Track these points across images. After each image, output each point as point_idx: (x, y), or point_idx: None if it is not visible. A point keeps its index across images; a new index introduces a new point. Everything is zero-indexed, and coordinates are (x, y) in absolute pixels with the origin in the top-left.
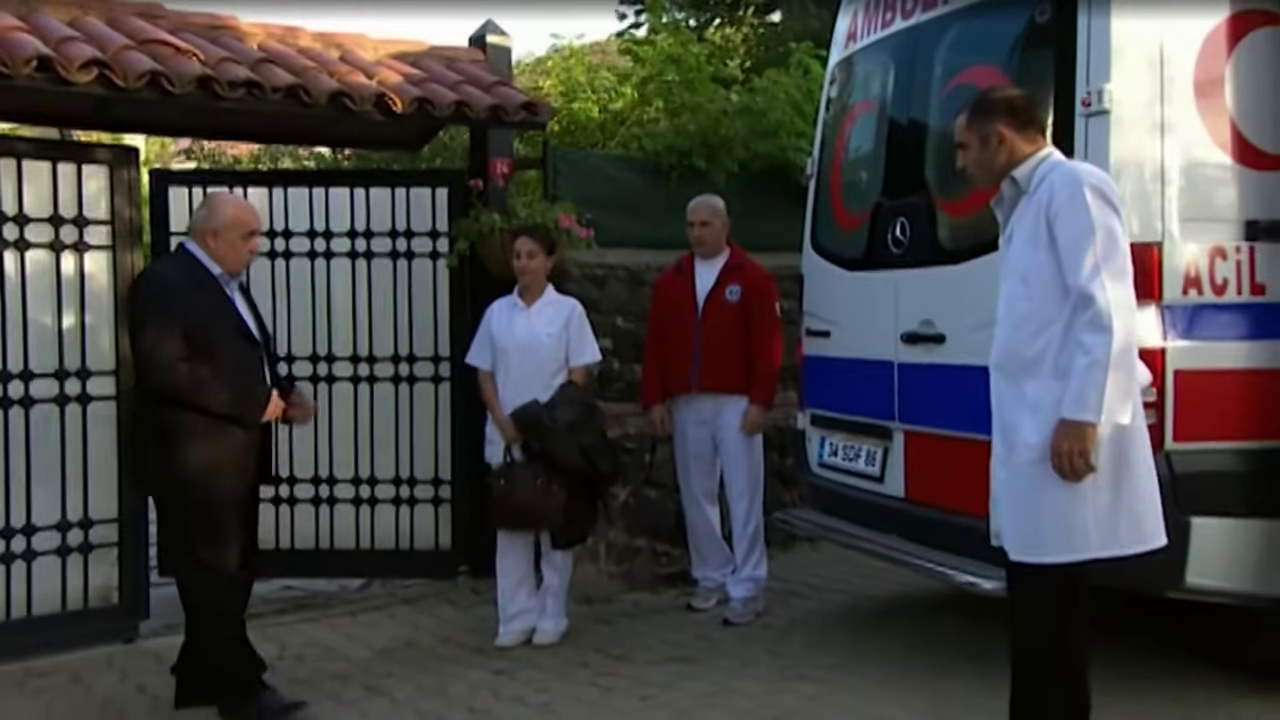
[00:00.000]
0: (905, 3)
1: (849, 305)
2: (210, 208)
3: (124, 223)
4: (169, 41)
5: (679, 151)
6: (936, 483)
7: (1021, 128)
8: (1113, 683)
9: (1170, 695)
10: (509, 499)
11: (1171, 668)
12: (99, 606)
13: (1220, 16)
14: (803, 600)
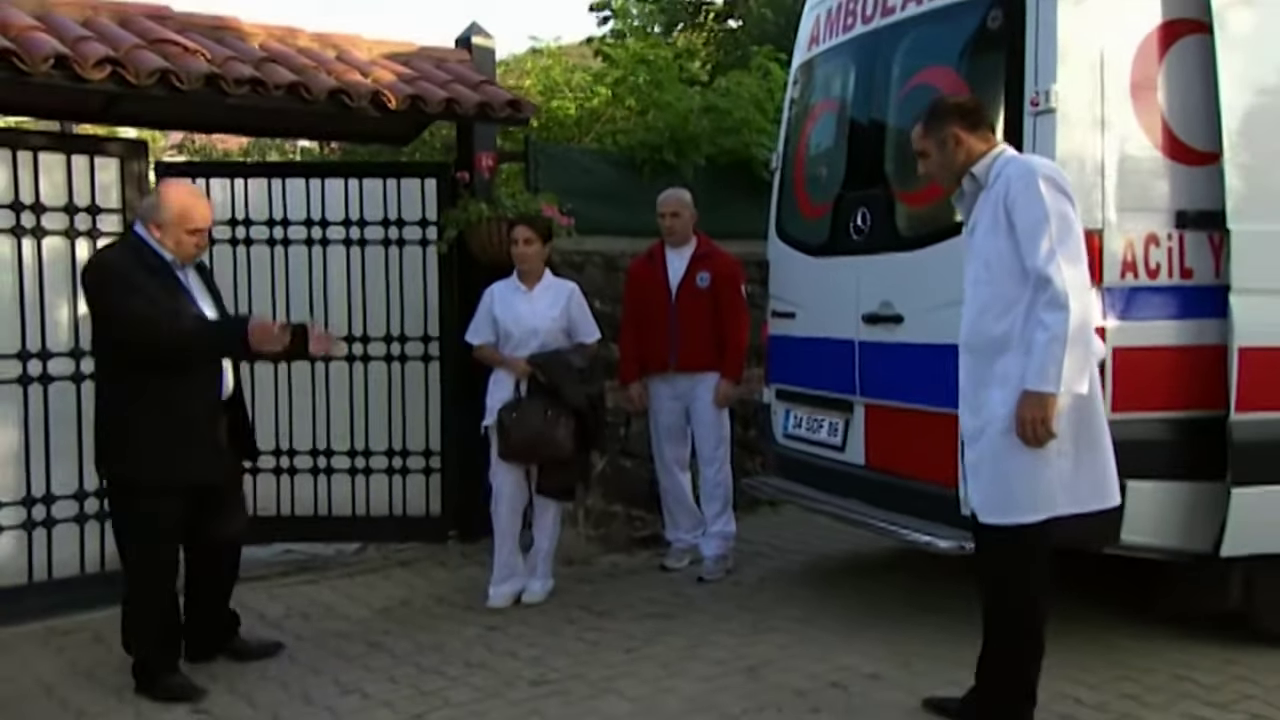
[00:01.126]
0: (865, 9)
1: (812, 289)
2: (159, 197)
3: (135, 212)
4: (177, 41)
5: (650, 147)
6: (894, 451)
7: (974, 128)
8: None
9: (1101, 646)
10: (519, 427)
11: (1101, 621)
12: (115, 570)
13: (1153, 24)
14: (768, 560)
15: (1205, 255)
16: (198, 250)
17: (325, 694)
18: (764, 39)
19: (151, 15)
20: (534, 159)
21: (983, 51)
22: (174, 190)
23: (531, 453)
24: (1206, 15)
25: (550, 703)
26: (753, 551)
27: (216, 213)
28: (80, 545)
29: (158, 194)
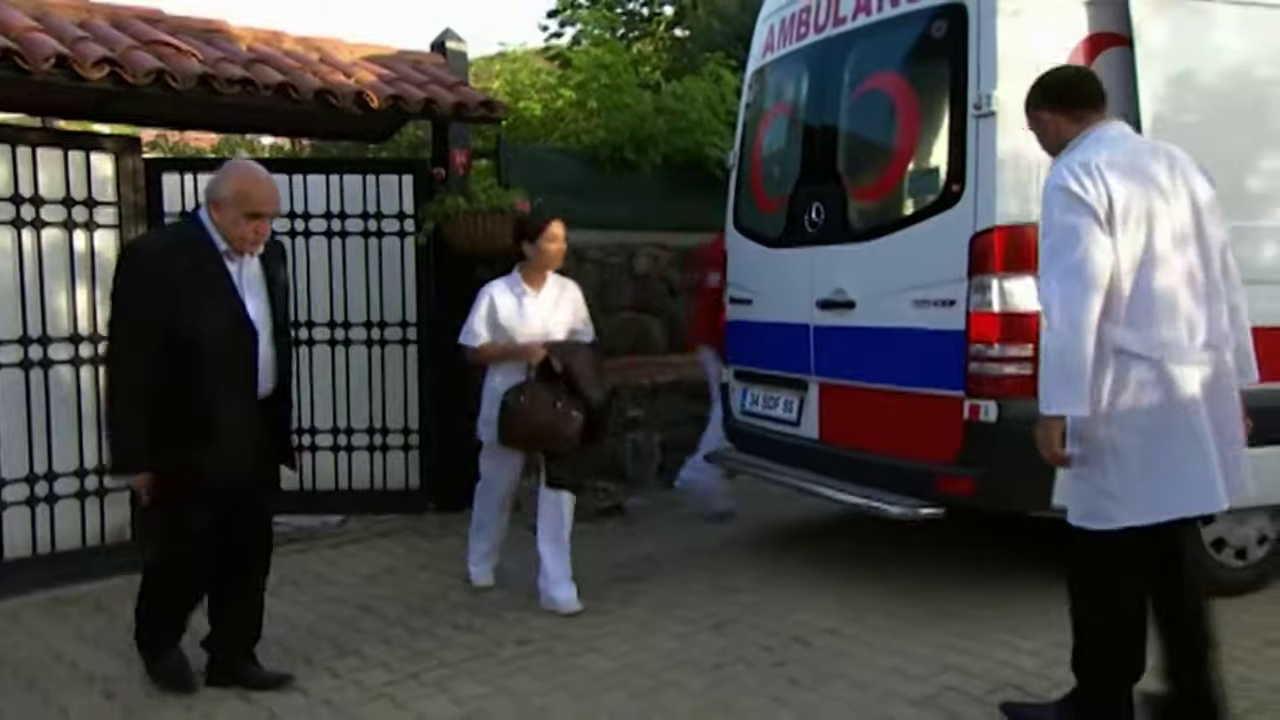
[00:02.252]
0: (818, 18)
1: (769, 277)
2: (221, 175)
3: (129, 204)
4: (170, 42)
5: (612, 145)
6: (847, 426)
7: (1060, 106)
8: (988, 594)
9: (1035, 609)
10: (528, 413)
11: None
12: (115, 542)
13: (1080, 36)
14: (725, 526)
15: None
16: (256, 237)
17: (324, 655)
18: (711, 47)
19: (144, 18)
20: (505, 156)
21: (929, 59)
22: (237, 168)
23: (534, 442)
24: (1127, 29)
25: (537, 660)
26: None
27: None
28: (81, 519)
29: (221, 172)
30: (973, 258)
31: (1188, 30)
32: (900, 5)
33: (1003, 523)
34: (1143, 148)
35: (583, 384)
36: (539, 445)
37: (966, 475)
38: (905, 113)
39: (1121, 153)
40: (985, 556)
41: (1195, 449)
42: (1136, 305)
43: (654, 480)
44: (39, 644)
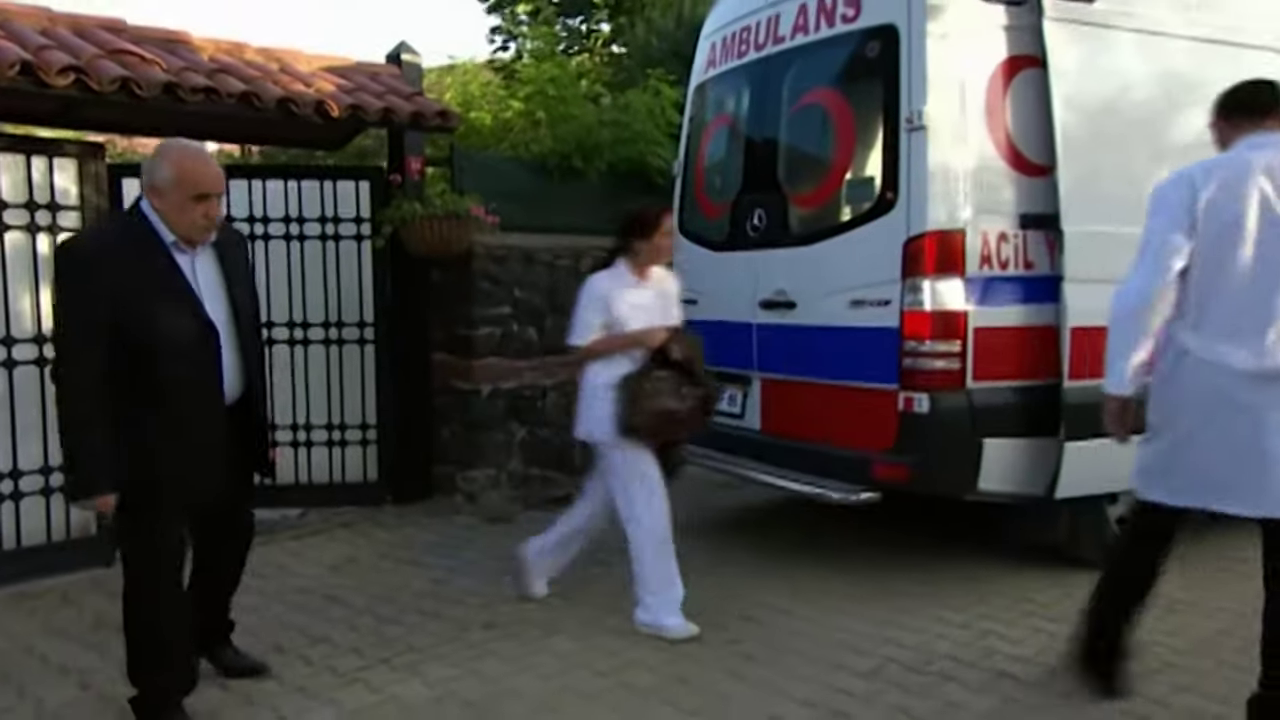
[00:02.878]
0: (758, 37)
1: (713, 278)
2: (157, 158)
3: (92, 208)
4: (134, 51)
5: (560, 154)
6: (788, 418)
7: (1228, 115)
8: (920, 574)
9: (963, 587)
10: (659, 398)
11: (963, 565)
12: (79, 537)
13: (1000, 58)
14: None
15: (1043, 251)
16: (208, 223)
17: (296, 643)
18: (649, 62)
19: (106, 27)
20: (458, 164)
21: (863, 76)
22: (173, 148)
23: (664, 429)
24: (1041, 52)
25: (504, 644)
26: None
27: None
28: (46, 516)
29: (156, 154)
30: (906, 261)
31: (1092, 54)
32: (836, 26)
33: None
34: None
35: (699, 371)
36: (668, 433)
37: (901, 462)
38: (841, 126)
39: (1240, 162)
40: (916, 540)
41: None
42: (1206, 309)
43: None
44: (7, 638)
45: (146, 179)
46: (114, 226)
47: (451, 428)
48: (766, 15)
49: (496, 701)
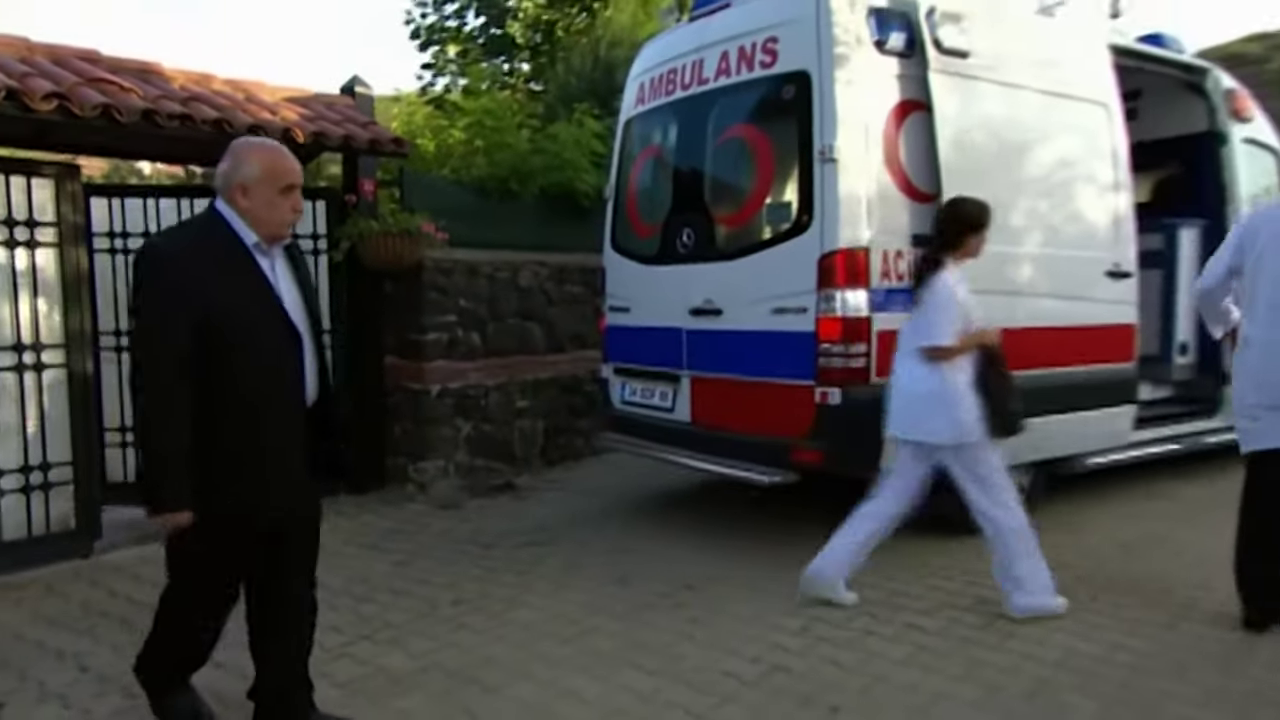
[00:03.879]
0: (684, 79)
1: (645, 289)
2: (236, 158)
3: (69, 225)
4: (112, 80)
5: (498, 178)
6: (715, 410)
7: None
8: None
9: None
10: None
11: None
12: (59, 531)
13: (894, 102)
14: (603, 497)
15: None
16: (296, 215)
17: None
18: (568, 99)
19: (82, 57)
20: (407, 185)
21: (780, 115)
22: (253, 145)
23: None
24: (927, 98)
25: (474, 617)
26: (589, 490)
27: (133, 227)
28: (27, 512)
29: (232, 156)
30: (820, 274)
31: (967, 101)
32: (755, 71)
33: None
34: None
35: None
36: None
37: (817, 447)
38: (761, 157)
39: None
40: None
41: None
42: (1251, 305)
43: (538, 460)
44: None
45: (229, 179)
46: (196, 229)
47: (404, 424)
48: (691, 60)
49: (477, 669)
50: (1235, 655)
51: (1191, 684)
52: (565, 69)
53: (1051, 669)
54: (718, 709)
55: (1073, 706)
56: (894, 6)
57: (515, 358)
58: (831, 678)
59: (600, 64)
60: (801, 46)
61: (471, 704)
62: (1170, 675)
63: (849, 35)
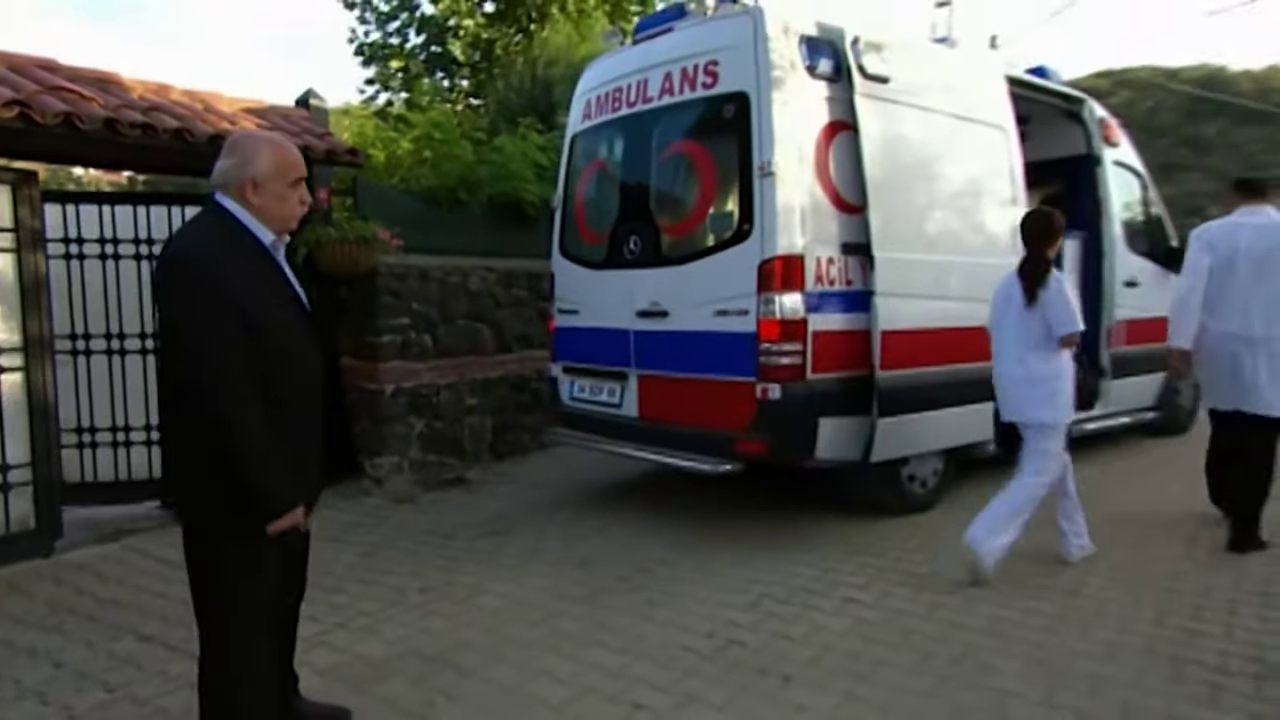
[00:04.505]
0: (629, 96)
1: (593, 293)
2: (242, 152)
3: (27, 230)
4: (72, 88)
5: (447, 188)
6: (661, 406)
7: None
8: (770, 528)
9: (803, 537)
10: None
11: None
12: (19, 531)
13: (824, 122)
14: (552, 489)
15: (859, 272)
16: (303, 208)
17: None
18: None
19: (41, 65)
20: (361, 194)
21: (721, 132)
22: (259, 140)
23: None
24: (853, 119)
25: (443, 604)
26: (540, 483)
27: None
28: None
29: (237, 151)
30: (760, 279)
31: (888, 122)
32: (698, 91)
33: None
34: (1246, 220)
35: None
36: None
37: (758, 439)
38: (704, 171)
39: (1230, 223)
40: (765, 502)
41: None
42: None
43: (487, 455)
44: None
45: (236, 175)
46: (215, 229)
47: (360, 423)
48: (636, 79)
49: (451, 654)
50: (1127, 615)
51: (1094, 642)
52: (505, 85)
53: (976, 635)
54: (681, 682)
55: (996, 668)
56: (823, 35)
57: (465, 358)
58: (782, 650)
59: (539, 81)
60: (741, 70)
61: (449, 687)
62: (1076, 635)
63: (784, 60)
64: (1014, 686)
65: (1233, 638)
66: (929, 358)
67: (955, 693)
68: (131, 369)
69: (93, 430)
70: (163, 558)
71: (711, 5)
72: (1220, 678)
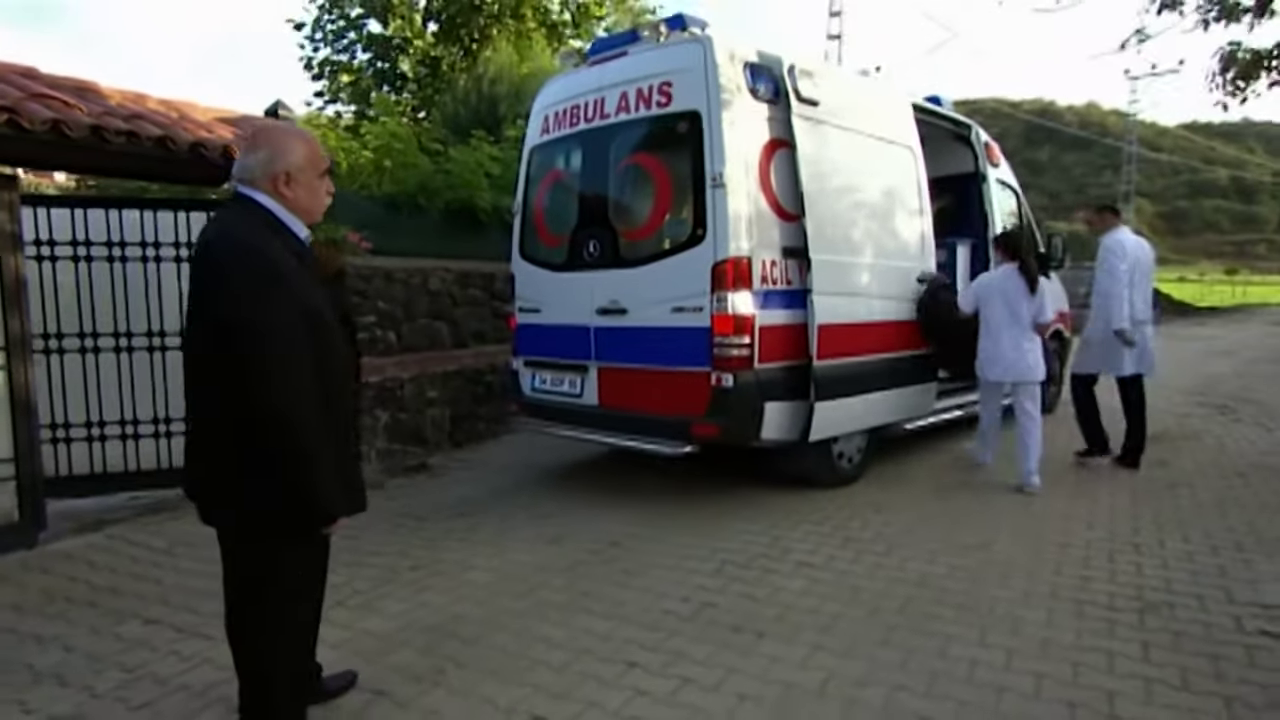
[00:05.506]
0: (586, 113)
1: (554, 292)
2: (273, 145)
3: (6, 233)
4: (56, 96)
5: (407, 194)
6: (620, 394)
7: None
8: (724, 502)
9: (756, 507)
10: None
11: (752, 494)
12: (4, 524)
13: (765, 140)
14: (512, 473)
15: (797, 272)
16: (328, 201)
17: None
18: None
19: (21, 73)
20: None
21: (675, 147)
22: (286, 131)
23: None
24: (790, 137)
25: (434, 580)
26: (501, 467)
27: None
28: None
29: (267, 145)
30: (714, 279)
31: (819, 141)
32: (652, 109)
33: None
34: (1131, 236)
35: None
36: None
37: (713, 422)
38: (660, 181)
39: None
40: (708, 480)
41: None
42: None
43: (446, 443)
44: None
45: (271, 167)
46: (257, 224)
47: None
48: (593, 97)
49: (451, 625)
50: (1036, 566)
51: (1011, 589)
52: (452, 100)
53: (912, 588)
54: (666, 641)
55: (935, 615)
56: (763, 62)
57: (426, 353)
58: (750, 609)
59: (484, 97)
60: (692, 91)
61: (456, 654)
62: (996, 585)
63: (731, 84)
64: (952, 630)
65: (1115, 580)
66: (856, 348)
67: (905, 638)
68: (105, 366)
69: (67, 426)
70: (149, 545)
71: (665, 33)
72: (1112, 614)
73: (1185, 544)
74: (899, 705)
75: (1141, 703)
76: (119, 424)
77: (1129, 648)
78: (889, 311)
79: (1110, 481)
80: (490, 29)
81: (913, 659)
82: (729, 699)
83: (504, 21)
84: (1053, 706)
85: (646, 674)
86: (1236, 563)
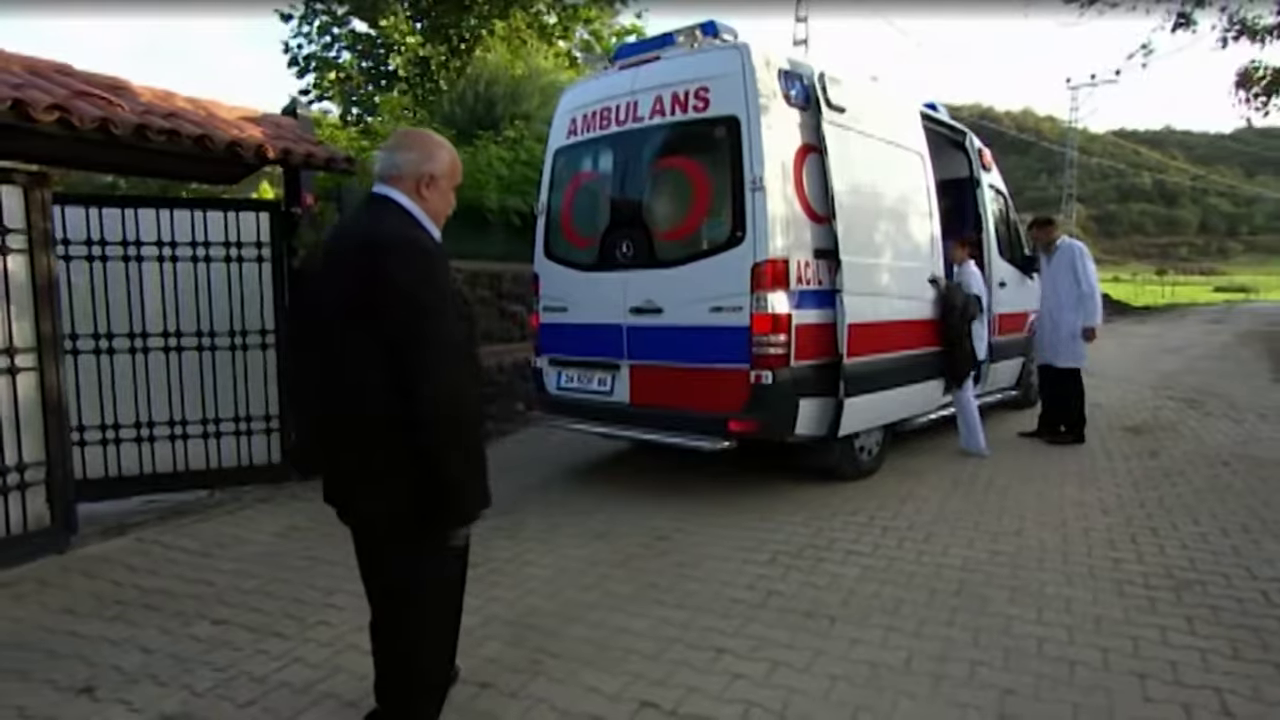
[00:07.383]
0: (618, 115)
1: (584, 292)
2: (422, 148)
3: (39, 231)
4: (98, 94)
5: None
6: (652, 392)
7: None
8: (759, 497)
9: (794, 501)
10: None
11: (785, 488)
12: (36, 529)
13: (798, 145)
14: (535, 472)
15: (827, 273)
16: (450, 213)
17: (310, 596)
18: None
19: (58, 70)
20: (344, 198)
21: (712, 150)
22: (429, 136)
23: None
24: (821, 143)
25: (498, 577)
26: (526, 462)
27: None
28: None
29: (414, 143)
30: (753, 279)
31: (846, 146)
32: (689, 114)
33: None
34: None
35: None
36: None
37: (751, 419)
38: (697, 184)
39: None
40: (750, 475)
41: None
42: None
43: None
44: (11, 621)
45: (418, 168)
46: (407, 224)
47: None
48: (625, 101)
49: (529, 618)
50: (1069, 550)
51: (1052, 571)
52: (449, 100)
53: (961, 572)
54: (745, 628)
55: (989, 598)
56: (795, 70)
57: None
58: (815, 596)
59: (481, 98)
60: (731, 96)
61: (543, 645)
62: (1036, 567)
63: (768, 90)
64: (1011, 611)
65: (1144, 561)
66: (880, 346)
67: (969, 619)
68: (120, 368)
69: (81, 429)
70: (183, 548)
71: (699, 38)
72: (1150, 592)
73: (1197, 526)
74: (982, 679)
75: (1202, 670)
76: (134, 426)
77: (1175, 622)
78: (906, 310)
79: (1112, 473)
80: (480, 29)
81: (982, 637)
82: (822, 680)
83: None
84: (1124, 678)
85: (737, 659)
86: (1247, 543)
